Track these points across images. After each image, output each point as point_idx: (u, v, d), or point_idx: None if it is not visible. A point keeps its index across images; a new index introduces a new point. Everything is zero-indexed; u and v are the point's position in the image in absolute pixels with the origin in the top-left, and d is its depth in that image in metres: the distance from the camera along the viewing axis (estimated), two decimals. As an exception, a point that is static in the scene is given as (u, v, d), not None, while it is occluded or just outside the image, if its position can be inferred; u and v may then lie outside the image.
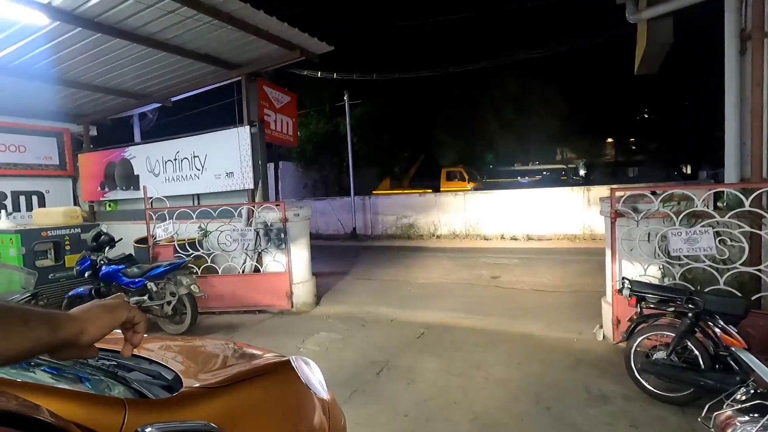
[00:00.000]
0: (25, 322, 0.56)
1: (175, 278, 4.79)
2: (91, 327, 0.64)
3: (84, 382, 1.27)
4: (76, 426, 0.83)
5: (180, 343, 2.03)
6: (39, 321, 0.58)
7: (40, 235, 5.51)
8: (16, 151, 7.62)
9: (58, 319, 0.61)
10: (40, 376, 1.23)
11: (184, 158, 6.83)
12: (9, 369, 1.16)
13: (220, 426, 1.02)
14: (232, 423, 1.10)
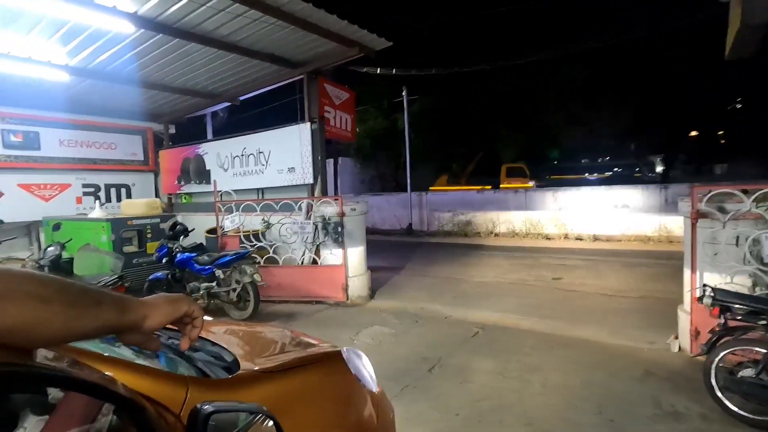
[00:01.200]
0: (98, 304, 0.61)
1: (239, 267, 5.09)
2: (154, 314, 0.69)
3: (159, 359, 1.38)
4: (144, 398, 0.91)
5: (242, 328, 2.15)
6: (110, 304, 0.63)
7: (126, 224, 6.11)
8: (108, 148, 8.49)
9: (126, 304, 0.66)
10: (123, 351, 1.36)
11: (250, 154, 7.22)
12: (98, 343, 1.30)
13: (271, 409, 1.07)
14: (282, 407, 1.14)
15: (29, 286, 0.54)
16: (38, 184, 7.65)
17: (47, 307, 0.54)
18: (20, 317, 0.52)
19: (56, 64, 5.67)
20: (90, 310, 0.59)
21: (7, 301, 0.51)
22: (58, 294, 0.56)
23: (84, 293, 0.60)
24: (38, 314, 0.53)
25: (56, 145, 7.75)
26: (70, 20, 4.56)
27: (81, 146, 8.06)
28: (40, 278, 0.57)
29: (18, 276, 0.55)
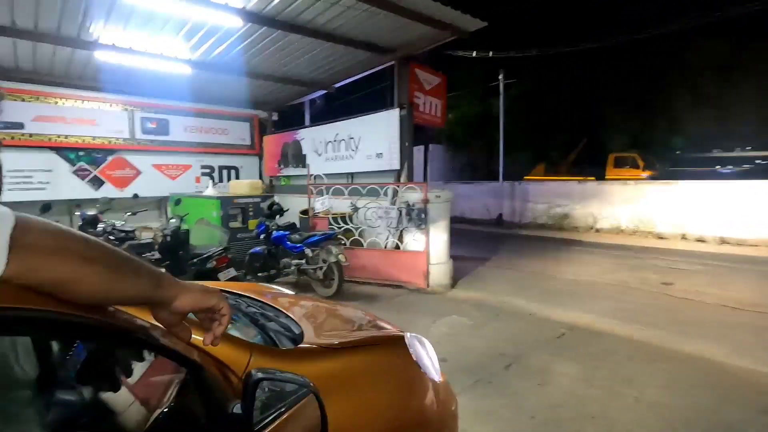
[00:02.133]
0: (137, 274, 0.65)
1: (326, 247, 5.36)
2: (185, 296, 0.70)
3: (235, 324, 1.51)
4: (212, 358, 0.99)
5: (317, 303, 2.25)
6: (147, 276, 0.66)
7: (233, 202, 6.81)
8: (222, 134, 9.51)
9: (162, 280, 0.69)
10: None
11: (341, 140, 7.50)
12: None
13: (325, 385, 1.10)
14: (337, 383, 1.17)
15: (78, 246, 0.59)
16: (167, 165, 8.87)
17: (91, 268, 0.59)
18: (67, 273, 0.57)
19: (181, 59, 6.45)
20: (129, 278, 0.63)
21: (58, 257, 0.56)
22: (103, 258, 0.61)
23: (125, 261, 0.64)
24: (83, 272, 0.58)
25: (181, 131, 8.89)
26: (191, 19, 5.12)
27: (200, 132, 9.13)
28: (88, 241, 0.61)
29: (70, 236, 0.60)
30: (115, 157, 8.23)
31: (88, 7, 4.83)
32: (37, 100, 7.29)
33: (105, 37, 5.68)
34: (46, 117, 7.39)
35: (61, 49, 6.04)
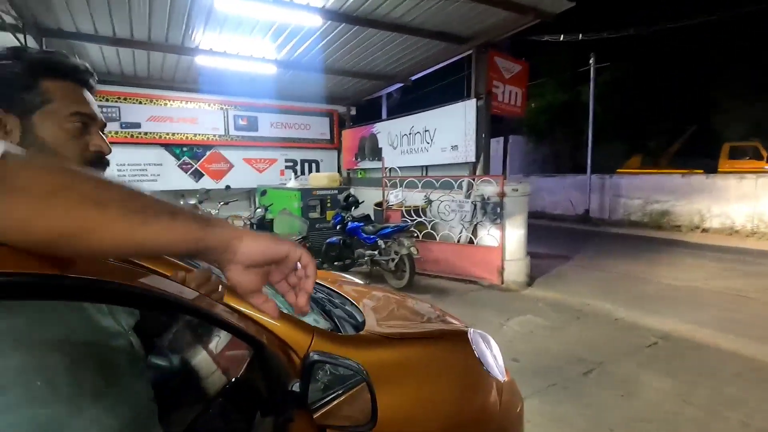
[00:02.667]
0: (172, 214, 0.48)
1: (398, 239, 5.42)
2: (250, 241, 0.53)
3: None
4: (277, 338, 1.06)
5: (385, 295, 2.28)
6: (189, 216, 0.50)
7: (312, 194, 7.16)
8: (304, 129, 10.01)
9: (212, 220, 0.52)
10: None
11: (416, 132, 7.49)
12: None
13: (380, 373, 1.13)
14: (393, 373, 1.19)
15: (84, 186, 0.45)
16: (256, 159, 9.58)
17: (102, 212, 0.44)
18: (69, 221, 0.43)
19: (267, 59, 6.89)
20: (160, 219, 0.47)
21: (56, 200, 0.42)
22: (120, 199, 0.46)
23: (155, 202, 0.48)
24: (89, 218, 0.43)
25: (268, 127, 9.52)
26: (276, 21, 5.44)
27: (284, 128, 9.71)
28: (99, 179, 0.46)
29: (73, 174, 0.46)
30: (212, 151, 9.08)
31: (190, 17, 5.36)
32: (151, 103, 8.29)
33: (204, 43, 6.27)
34: (158, 117, 8.38)
35: (169, 57, 6.79)
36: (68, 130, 0.76)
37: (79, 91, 0.80)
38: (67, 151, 0.76)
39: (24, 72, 0.74)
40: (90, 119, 0.79)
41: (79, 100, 0.79)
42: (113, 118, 7.96)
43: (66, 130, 0.76)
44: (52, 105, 0.75)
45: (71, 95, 0.78)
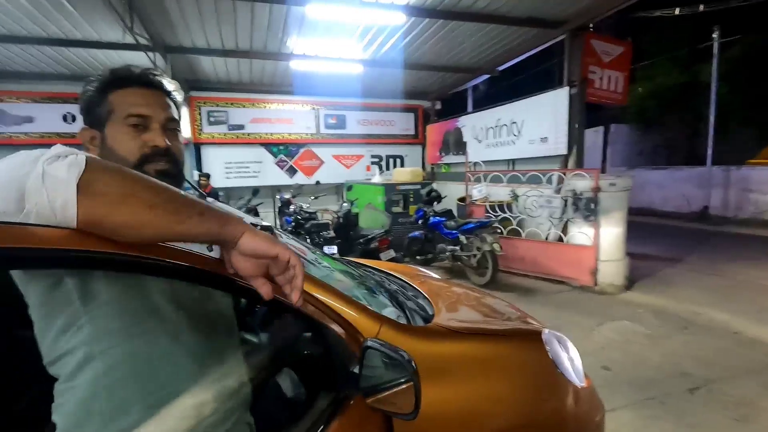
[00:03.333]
0: (201, 215, 0.65)
1: (481, 235, 5.30)
2: (249, 237, 0.68)
3: (376, 295, 1.68)
4: (347, 324, 1.15)
5: (462, 291, 2.27)
6: (213, 217, 0.66)
7: (395, 189, 7.32)
8: (389, 125, 10.24)
9: (227, 220, 0.68)
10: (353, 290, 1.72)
11: (503, 125, 7.23)
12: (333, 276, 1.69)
13: (442, 366, 1.17)
14: (456, 367, 1.21)
15: (143, 193, 0.61)
16: (344, 155, 10.05)
17: (153, 212, 0.60)
18: (130, 218, 0.60)
19: (354, 59, 7.17)
20: (192, 219, 0.63)
21: (122, 204, 0.59)
22: (165, 202, 0.62)
23: (189, 204, 0.65)
24: (144, 217, 0.60)
25: (355, 124, 9.92)
26: (363, 21, 5.64)
27: (370, 125, 10.03)
28: (152, 186, 0.63)
29: (134, 181, 0.62)
30: (305, 149, 9.73)
31: (285, 26, 5.80)
32: (253, 106, 9.14)
33: (297, 49, 6.73)
34: (258, 119, 9.21)
35: (268, 63, 7.42)
36: (125, 132, 0.86)
37: (138, 94, 0.88)
38: (128, 152, 0.86)
39: (96, 91, 0.89)
40: (144, 118, 0.87)
41: (135, 102, 0.87)
42: (222, 121, 8.94)
43: (124, 133, 0.86)
44: (114, 114, 0.87)
45: (128, 100, 0.87)
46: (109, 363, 0.73)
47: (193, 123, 8.66)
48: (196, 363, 0.81)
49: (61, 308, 0.73)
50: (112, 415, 0.73)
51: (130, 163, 0.85)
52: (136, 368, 0.75)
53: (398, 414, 0.96)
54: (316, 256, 1.89)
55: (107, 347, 0.73)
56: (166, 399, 0.76)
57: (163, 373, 0.77)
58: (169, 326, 0.78)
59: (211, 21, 5.54)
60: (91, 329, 0.72)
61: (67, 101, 7.94)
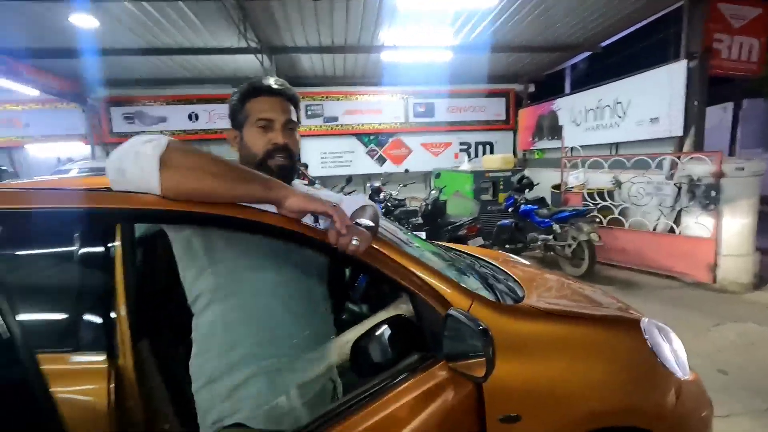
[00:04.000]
0: (250, 182, 0.85)
1: (577, 224, 5.04)
2: (292, 198, 0.87)
3: (467, 275, 1.77)
4: (441, 297, 1.27)
5: (553, 276, 2.25)
6: (260, 182, 0.86)
7: (484, 176, 7.19)
8: (478, 111, 10.03)
9: (271, 185, 0.87)
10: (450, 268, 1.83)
11: (605, 106, 6.68)
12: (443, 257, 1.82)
13: (529, 344, 1.23)
14: (544, 346, 1.27)
15: (207, 166, 0.83)
16: (432, 143, 10.11)
17: (217, 180, 0.82)
18: (197, 185, 0.82)
19: (444, 46, 7.13)
20: (243, 184, 0.85)
21: (191, 174, 0.81)
22: (224, 173, 0.84)
23: (242, 173, 0.86)
24: (208, 184, 0.82)
25: (444, 112, 9.89)
26: (453, 8, 5.60)
27: (459, 111, 9.92)
28: (216, 161, 0.84)
29: (201, 158, 0.83)
30: (394, 139, 9.99)
31: (378, 18, 6.00)
32: (346, 98, 9.60)
33: (388, 40, 6.91)
34: (351, 111, 9.66)
35: (360, 56, 7.74)
36: (255, 132, 1.08)
37: (266, 102, 1.09)
38: (257, 148, 1.08)
39: (238, 101, 1.12)
40: (270, 121, 1.08)
41: (263, 109, 1.08)
42: (318, 114, 9.55)
43: (254, 133, 1.09)
44: (249, 118, 1.09)
45: (258, 106, 1.09)
46: (223, 309, 0.99)
47: (293, 117, 9.38)
48: (291, 317, 1.04)
49: (193, 262, 1.00)
50: (222, 350, 0.98)
51: (259, 157, 1.09)
52: (242, 316, 1.00)
53: (471, 377, 1.06)
54: (409, 237, 2.04)
55: (222, 296, 0.99)
56: (265, 345, 1.00)
57: (262, 323, 1.01)
58: (270, 284, 1.03)
59: (310, 21, 5.95)
60: (212, 280, 0.99)
61: (192, 102, 9.15)
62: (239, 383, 0.97)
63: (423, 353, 1.21)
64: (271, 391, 0.99)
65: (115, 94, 8.93)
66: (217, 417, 0.97)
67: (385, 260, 1.21)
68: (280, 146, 1.08)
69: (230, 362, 0.98)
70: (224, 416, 0.96)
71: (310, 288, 1.12)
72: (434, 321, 1.16)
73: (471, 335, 1.03)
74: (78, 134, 9.09)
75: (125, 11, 5.26)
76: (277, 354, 1.01)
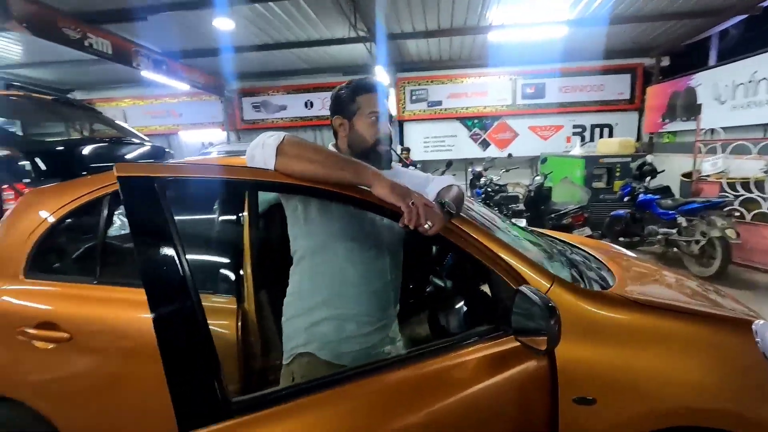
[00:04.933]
0: (342, 168, 1.07)
1: (708, 217, 4.41)
2: (377, 187, 1.04)
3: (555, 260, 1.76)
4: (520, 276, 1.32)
5: (656, 269, 2.08)
6: (351, 169, 1.07)
7: (598, 162, 6.60)
8: (596, 90, 9.13)
9: (359, 171, 1.06)
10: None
11: (761, 79, 5.60)
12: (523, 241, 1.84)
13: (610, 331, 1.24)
14: (628, 335, 1.25)
15: (309, 155, 1.08)
16: (541, 126, 9.54)
17: (314, 166, 1.07)
18: (300, 168, 1.08)
19: (558, 21, 6.62)
20: (337, 171, 1.07)
21: (297, 160, 1.07)
22: (323, 160, 1.08)
23: (336, 160, 1.08)
24: (309, 169, 1.07)
25: (555, 92, 9.22)
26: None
27: (573, 91, 9.15)
28: (318, 150, 1.09)
29: (305, 147, 1.09)
30: (499, 122, 9.65)
31: (485, -1, 5.84)
32: (450, 82, 9.52)
33: (496, 19, 6.67)
34: (455, 94, 9.56)
35: (466, 38, 7.60)
36: (368, 123, 1.29)
37: (375, 98, 1.30)
38: (369, 136, 1.29)
39: (349, 93, 1.32)
40: (378, 114, 1.29)
41: (373, 103, 1.29)
42: (423, 98, 9.65)
43: (367, 124, 1.29)
44: (361, 110, 1.30)
45: (370, 102, 1.29)
46: (310, 264, 1.28)
47: (398, 102, 9.64)
48: (360, 280, 1.27)
49: (296, 224, 1.29)
50: (305, 295, 1.28)
51: (369, 144, 1.31)
52: (322, 272, 1.27)
53: (533, 348, 1.12)
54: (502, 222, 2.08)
55: (311, 254, 1.27)
56: (336, 297, 1.26)
57: (336, 280, 1.26)
58: (348, 251, 1.26)
59: (416, 6, 6.03)
60: (305, 241, 1.28)
61: (308, 91, 9.97)
62: (314, 322, 1.25)
63: (493, 325, 1.29)
64: (337, 333, 1.25)
65: (245, 86, 10.15)
66: (295, 345, 1.26)
67: (466, 237, 1.31)
68: (387, 136, 1.31)
69: (309, 305, 1.26)
70: (300, 345, 1.26)
71: (380, 258, 1.33)
72: (510, 298, 1.22)
73: (538, 312, 1.09)
74: (217, 122, 10.58)
75: (255, 12, 5.95)
76: (345, 306, 1.26)
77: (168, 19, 5.77)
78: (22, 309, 1.55)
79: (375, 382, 1.15)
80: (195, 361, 1.04)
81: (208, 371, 1.03)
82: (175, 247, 1.04)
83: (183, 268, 1.04)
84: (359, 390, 1.12)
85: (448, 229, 1.22)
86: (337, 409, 1.09)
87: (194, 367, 1.04)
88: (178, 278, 1.04)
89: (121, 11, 5.54)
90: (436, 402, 1.18)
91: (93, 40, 5.67)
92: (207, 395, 1.01)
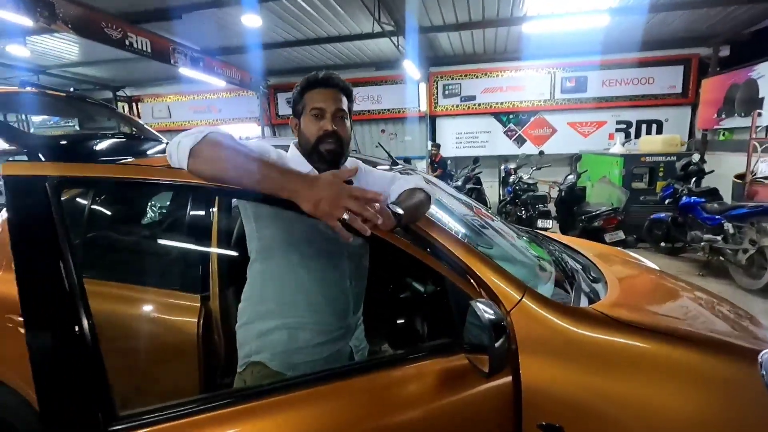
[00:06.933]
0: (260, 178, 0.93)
1: (760, 224, 3.98)
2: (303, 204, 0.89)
3: (543, 269, 1.62)
4: (487, 288, 1.21)
5: (680, 285, 1.87)
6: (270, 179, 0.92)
7: (639, 160, 6.12)
8: (645, 83, 8.50)
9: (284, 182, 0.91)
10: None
11: (834, 69, 4.97)
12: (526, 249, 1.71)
13: (580, 354, 1.11)
14: (603, 359, 1.11)
15: (231, 160, 0.94)
16: (581, 122, 9.03)
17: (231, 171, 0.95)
18: (215, 173, 0.96)
19: (598, 10, 6.19)
20: (251, 179, 0.93)
21: (210, 164, 0.95)
22: (241, 165, 0.94)
23: (259, 168, 0.92)
24: (224, 173, 0.95)
25: (598, 86, 8.68)
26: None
27: (618, 84, 8.58)
28: (240, 155, 0.94)
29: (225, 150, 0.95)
30: (536, 117, 9.23)
31: (518, -13, 5.55)
32: (485, 76, 9.21)
33: (531, 10, 6.34)
34: (490, 89, 9.24)
35: (499, 30, 7.29)
36: (310, 121, 1.17)
37: (319, 93, 1.17)
38: (311, 135, 1.17)
39: (299, 91, 1.22)
40: (321, 110, 1.16)
41: (316, 99, 1.17)
42: (455, 93, 9.41)
43: (309, 121, 1.17)
44: (305, 108, 1.18)
45: (313, 98, 1.17)
46: (262, 268, 1.20)
47: (430, 97, 9.45)
48: (314, 286, 1.20)
49: (247, 222, 1.23)
50: (257, 300, 1.22)
51: (311, 142, 1.19)
52: (274, 277, 1.20)
53: (480, 370, 1.01)
54: (498, 225, 1.95)
55: (263, 257, 1.20)
56: (288, 305, 1.19)
57: (288, 287, 1.19)
58: (301, 255, 1.19)
59: (446, -1, 5.85)
60: (258, 243, 1.21)
61: (338, 86, 10.00)
62: (266, 330, 1.19)
63: (453, 339, 1.19)
64: (289, 343, 1.19)
65: (279, 82, 10.34)
66: (248, 352, 1.21)
67: (429, 243, 1.21)
68: (329, 133, 1.16)
69: (261, 312, 1.21)
70: (252, 353, 1.20)
71: (339, 264, 1.24)
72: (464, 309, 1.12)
73: (486, 330, 0.98)
74: (255, 117, 10.86)
75: (283, 7, 6.01)
76: (298, 314, 1.19)
77: (200, 16, 5.95)
78: (9, 296, 1.63)
79: (314, 394, 1.08)
80: (68, 384, 0.98)
81: (85, 390, 0.98)
82: (61, 255, 0.97)
83: (69, 278, 0.97)
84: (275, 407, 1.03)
85: (395, 235, 1.13)
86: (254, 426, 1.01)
87: (67, 389, 0.99)
88: (59, 289, 0.96)
89: (156, 10, 5.77)
90: (384, 417, 1.11)
91: (133, 39, 5.95)
92: (80, 413, 0.97)
